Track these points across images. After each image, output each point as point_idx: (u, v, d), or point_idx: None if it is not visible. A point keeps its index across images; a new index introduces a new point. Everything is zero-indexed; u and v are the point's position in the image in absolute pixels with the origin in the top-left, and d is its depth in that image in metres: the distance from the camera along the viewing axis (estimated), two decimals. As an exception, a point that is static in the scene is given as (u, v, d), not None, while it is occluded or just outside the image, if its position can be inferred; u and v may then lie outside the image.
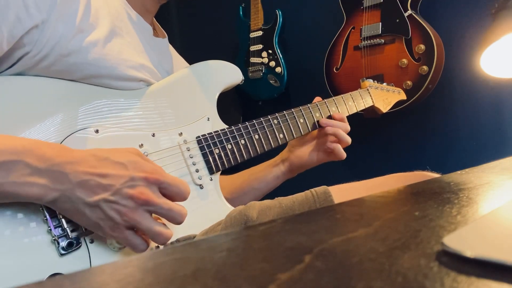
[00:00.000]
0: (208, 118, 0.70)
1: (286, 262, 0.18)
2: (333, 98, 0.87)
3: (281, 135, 0.76)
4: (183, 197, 0.53)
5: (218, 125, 0.71)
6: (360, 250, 0.19)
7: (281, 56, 1.80)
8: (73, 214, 0.48)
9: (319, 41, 1.75)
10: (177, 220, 0.51)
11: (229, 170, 0.73)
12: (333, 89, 1.58)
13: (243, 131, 0.71)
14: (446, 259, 0.18)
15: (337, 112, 0.86)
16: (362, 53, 1.48)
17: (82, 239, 0.51)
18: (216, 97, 0.72)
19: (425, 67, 1.34)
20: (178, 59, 0.87)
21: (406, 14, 1.38)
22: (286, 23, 1.84)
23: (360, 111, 0.94)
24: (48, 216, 0.49)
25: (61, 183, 0.45)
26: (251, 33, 1.87)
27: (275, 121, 0.76)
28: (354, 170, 1.74)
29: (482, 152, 1.42)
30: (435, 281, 0.15)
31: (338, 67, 1.55)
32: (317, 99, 0.86)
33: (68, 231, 0.50)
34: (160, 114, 0.65)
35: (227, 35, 2.09)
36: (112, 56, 0.60)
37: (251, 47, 1.87)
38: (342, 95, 0.90)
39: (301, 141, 0.85)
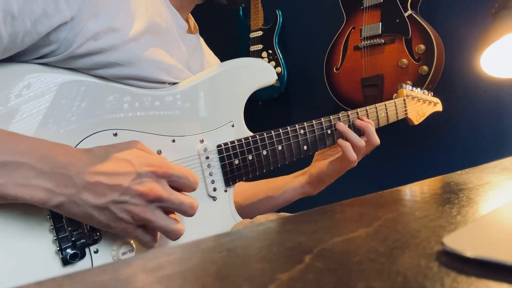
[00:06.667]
0: (233, 124, 0.66)
1: (286, 262, 0.18)
2: (366, 107, 0.81)
3: (305, 147, 0.73)
4: (192, 188, 0.51)
5: (243, 131, 0.66)
6: (360, 250, 0.19)
7: (281, 56, 1.80)
8: (82, 218, 0.46)
9: (319, 41, 1.75)
10: (188, 213, 0.50)
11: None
12: (333, 89, 1.58)
13: (267, 141, 0.68)
14: (446, 259, 0.18)
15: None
16: (362, 53, 1.48)
17: (87, 249, 0.51)
18: (245, 100, 0.67)
19: (425, 67, 1.34)
20: (209, 55, 0.83)
21: (406, 14, 1.38)
22: (286, 23, 1.84)
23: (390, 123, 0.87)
24: (54, 226, 0.48)
25: (66, 187, 0.43)
26: (251, 33, 1.87)
27: (302, 131, 0.72)
28: (354, 172, 1.74)
29: (482, 152, 1.42)
30: (435, 281, 0.15)
31: (338, 67, 1.55)
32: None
33: (74, 241, 0.49)
34: (183, 117, 0.61)
35: (227, 35, 2.09)
36: (144, 57, 0.56)
37: (251, 47, 1.87)
38: (376, 105, 0.83)
39: (324, 154, 0.82)
